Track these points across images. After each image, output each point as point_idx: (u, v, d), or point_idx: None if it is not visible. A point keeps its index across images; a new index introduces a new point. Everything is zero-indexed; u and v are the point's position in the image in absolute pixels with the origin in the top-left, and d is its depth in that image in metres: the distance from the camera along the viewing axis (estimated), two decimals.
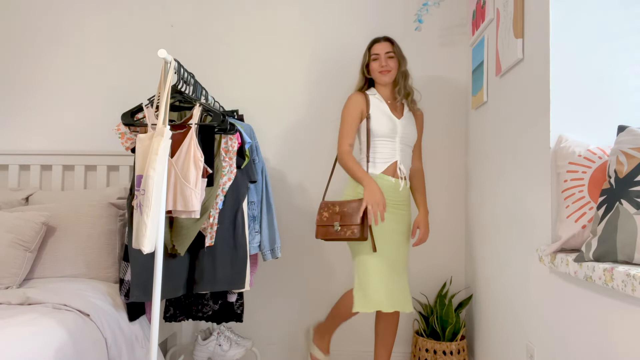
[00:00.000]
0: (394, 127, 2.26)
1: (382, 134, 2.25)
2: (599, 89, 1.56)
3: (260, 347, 2.70)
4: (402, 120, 2.30)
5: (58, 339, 1.51)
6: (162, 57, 1.66)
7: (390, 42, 2.33)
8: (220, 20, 2.82)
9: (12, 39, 2.86)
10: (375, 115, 2.26)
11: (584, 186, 1.45)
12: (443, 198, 2.73)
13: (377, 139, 2.25)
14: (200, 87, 2.12)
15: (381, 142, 2.26)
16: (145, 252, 1.53)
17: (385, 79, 2.30)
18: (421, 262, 2.72)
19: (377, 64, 2.29)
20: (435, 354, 2.40)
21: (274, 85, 2.79)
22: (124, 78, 2.80)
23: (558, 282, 1.52)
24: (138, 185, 1.58)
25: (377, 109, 2.28)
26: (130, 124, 1.88)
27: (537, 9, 1.68)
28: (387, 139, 2.25)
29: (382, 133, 2.24)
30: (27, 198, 2.49)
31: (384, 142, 2.26)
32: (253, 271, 2.26)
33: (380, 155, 2.25)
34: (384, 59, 2.28)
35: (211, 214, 1.91)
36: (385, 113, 2.28)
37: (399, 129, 2.27)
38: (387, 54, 2.29)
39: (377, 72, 2.29)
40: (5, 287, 1.92)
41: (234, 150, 1.93)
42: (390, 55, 2.29)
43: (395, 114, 2.30)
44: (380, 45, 2.31)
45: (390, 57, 2.29)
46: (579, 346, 1.39)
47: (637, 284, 1.07)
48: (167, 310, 2.22)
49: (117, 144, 2.11)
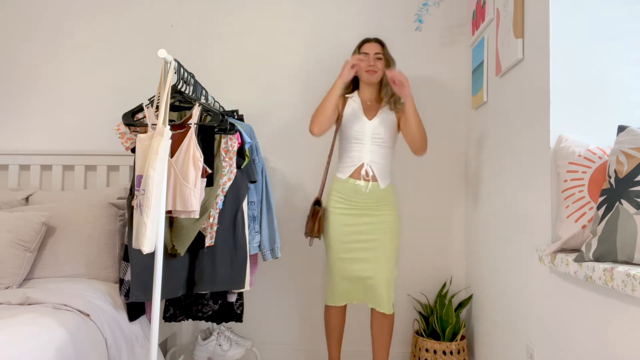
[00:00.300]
0: (362, 129, 2.28)
1: (351, 137, 2.29)
2: (599, 89, 1.56)
3: (260, 347, 2.70)
4: (373, 121, 2.30)
5: (58, 339, 1.51)
6: (162, 57, 1.66)
7: (381, 44, 2.35)
8: (220, 20, 2.82)
9: (12, 39, 2.86)
10: (347, 117, 2.30)
11: (584, 186, 1.44)
12: (443, 198, 2.73)
13: (346, 142, 2.32)
14: (200, 87, 2.12)
15: (350, 145, 2.30)
16: (145, 252, 1.53)
17: (372, 78, 2.31)
18: (421, 262, 2.72)
19: (365, 63, 2.30)
20: (435, 354, 2.40)
21: (274, 85, 2.79)
22: (124, 78, 2.80)
23: (558, 282, 1.52)
24: (138, 185, 1.58)
25: (350, 110, 2.31)
26: (130, 124, 1.88)
27: (537, 9, 1.68)
28: (356, 142, 2.29)
29: (351, 135, 2.29)
30: (27, 198, 2.49)
31: (353, 145, 2.30)
32: (253, 271, 2.26)
33: (349, 158, 2.29)
34: (372, 59, 2.30)
35: (211, 214, 1.91)
36: (357, 115, 2.30)
37: (367, 131, 2.28)
38: (376, 54, 2.31)
39: (363, 71, 2.31)
40: (5, 287, 1.92)
41: (234, 150, 1.93)
42: (379, 56, 2.31)
43: (367, 115, 2.31)
44: (370, 45, 2.33)
45: (379, 58, 2.31)
46: (579, 346, 1.38)
47: (637, 284, 1.07)
48: (167, 310, 2.22)
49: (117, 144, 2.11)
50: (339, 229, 2.26)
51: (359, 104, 2.33)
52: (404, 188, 2.74)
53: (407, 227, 2.74)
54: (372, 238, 2.24)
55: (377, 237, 2.24)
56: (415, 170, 2.74)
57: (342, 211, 2.27)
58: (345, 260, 2.25)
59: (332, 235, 2.27)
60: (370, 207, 2.26)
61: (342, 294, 2.28)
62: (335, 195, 2.29)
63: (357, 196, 2.26)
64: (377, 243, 2.24)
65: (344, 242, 2.25)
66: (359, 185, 2.25)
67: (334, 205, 2.28)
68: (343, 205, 2.27)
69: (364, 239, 2.24)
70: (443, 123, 2.73)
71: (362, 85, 2.36)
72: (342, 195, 2.27)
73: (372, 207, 2.26)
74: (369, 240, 2.24)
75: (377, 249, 2.23)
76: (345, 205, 2.27)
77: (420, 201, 2.74)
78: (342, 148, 2.34)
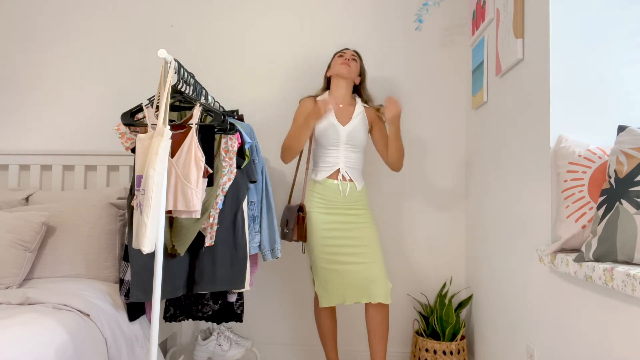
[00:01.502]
0: (337, 136, 2.31)
1: (326, 143, 2.32)
2: (599, 89, 1.56)
3: (260, 347, 2.70)
4: (347, 126, 2.33)
5: (58, 339, 1.51)
6: (162, 57, 1.66)
7: (358, 55, 2.44)
8: (220, 20, 2.82)
9: (12, 39, 2.86)
10: (321, 124, 2.32)
11: (584, 186, 1.45)
12: (443, 198, 2.73)
13: (321, 148, 2.34)
14: (200, 87, 2.12)
15: (325, 150, 2.33)
16: (145, 252, 1.53)
17: (344, 70, 2.34)
18: (421, 262, 2.72)
19: (340, 59, 2.37)
20: (435, 354, 2.40)
21: (274, 85, 2.79)
22: (124, 78, 2.80)
23: (558, 282, 1.52)
24: (138, 185, 1.58)
25: (324, 118, 2.31)
26: (130, 124, 1.88)
27: (537, 9, 1.68)
28: (331, 147, 2.32)
29: (325, 142, 2.32)
30: (27, 198, 2.49)
31: (328, 151, 2.33)
32: (253, 271, 2.26)
33: (324, 163, 2.33)
34: (348, 56, 2.37)
35: (211, 214, 1.91)
36: (330, 122, 2.32)
37: (342, 137, 2.32)
38: (352, 55, 2.39)
39: (337, 64, 2.36)
40: (5, 287, 1.92)
41: (234, 150, 1.93)
42: (354, 58, 2.39)
43: (341, 121, 2.34)
44: (347, 50, 2.43)
45: (354, 59, 2.38)
46: (579, 346, 1.39)
47: (637, 284, 1.07)
48: (167, 310, 2.22)
49: (117, 144, 2.11)
50: (321, 229, 2.28)
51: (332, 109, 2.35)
52: (403, 188, 2.75)
53: (407, 227, 2.74)
54: (356, 235, 2.28)
55: (360, 233, 2.29)
56: (415, 170, 2.74)
57: (322, 210, 2.30)
58: (332, 260, 2.25)
59: (316, 236, 2.28)
60: (349, 206, 2.32)
61: (335, 295, 2.26)
62: (315, 196, 2.32)
63: (336, 196, 2.30)
64: (361, 240, 2.27)
65: (329, 244, 2.27)
66: (337, 185, 2.30)
67: (315, 206, 2.30)
68: (323, 205, 2.30)
69: (347, 235, 2.27)
70: (443, 123, 2.73)
71: (335, 85, 2.40)
72: (323, 195, 2.31)
73: (350, 206, 2.32)
74: (353, 237, 2.27)
75: (363, 244, 2.27)
76: (325, 205, 2.30)
77: (420, 201, 2.74)
78: (317, 153, 2.37)
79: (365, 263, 2.23)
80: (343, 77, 2.37)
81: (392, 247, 2.70)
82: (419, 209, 2.74)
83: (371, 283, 2.21)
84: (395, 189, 2.75)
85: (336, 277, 2.24)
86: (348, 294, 2.24)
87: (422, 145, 2.75)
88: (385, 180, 2.73)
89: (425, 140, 2.75)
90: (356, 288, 2.23)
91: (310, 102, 2.38)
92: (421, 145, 2.75)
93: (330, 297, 2.27)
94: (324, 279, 2.27)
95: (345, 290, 2.24)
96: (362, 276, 2.21)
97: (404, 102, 2.69)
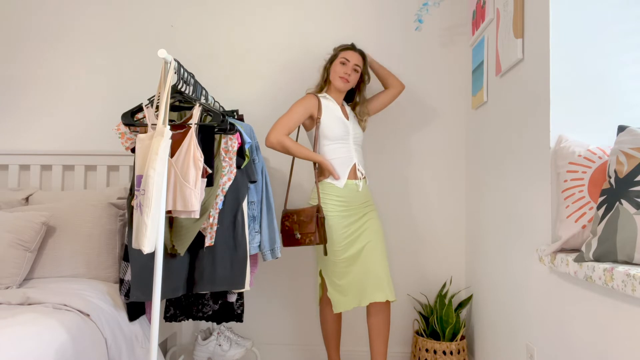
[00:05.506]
0: (346, 129, 2.31)
1: (336, 137, 2.29)
2: (599, 89, 1.56)
3: (260, 347, 2.70)
4: (350, 121, 2.36)
5: (58, 339, 1.51)
6: (162, 57, 1.66)
7: (363, 57, 2.38)
8: (220, 20, 2.82)
9: (12, 39, 2.86)
10: (328, 119, 2.29)
11: (584, 186, 1.44)
12: (443, 198, 2.73)
13: (331, 143, 2.29)
14: (200, 87, 2.12)
15: (335, 145, 2.29)
16: (145, 252, 1.53)
17: (342, 86, 2.33)
18: (421, 262, 2.72)
19: (342, 68, 2.31)
20: (435, 354, 2.40)
21: (274, 85, 2.79)
22: (124, 78, 2.80)
23: (558, 282, 1.52)
24: (138, 185, 1.58)
25: (329, 112, 2.31)
26: (130, 124, 1.88)
27: (537, 9, 1.68)
28: (341, 142, 2.30)
29: (335, 136, 2.29)
30: (27, 198, 2.49)
31: (338, 145, 2.29)
32: (253, 271, 2.26)
33: (338, 160, 2.28)
34: (350, 68, 2.31)
35: (211, 214, 1.91)
36: (337, 116, 2.32)
37: (350, 131, 2.32)
38: (355, 65, 2.33)
39: (337, 76, 2.32)
40: (5, 287, 1.92)
41: (233, 150, 1.93)
42: (356, 69, 2.34)
43: (344, 115, 2.37)
44: (352, 54, 2.34)
45: (356, 70, 2.34)
46: (579, 346, 1.39)
47: (637, 284, 1.07)
48: (167, 310, 2.22)
49: (117, 144, 2.11)
50: (340, 232, 2.24)
51: (334, 102, 2.35)
52: (403, 188, 2.75)
53: (407, 227, 2.74)
54: (368, 227, 2.27)
55: (370, 225, 2.28)
56: (415, 169, 2.74)
57: (341, 213, 2.26)
58: (349, 262, 2.23)
59: (337, 241, 2.23)
60: (363, 203, 2.31)
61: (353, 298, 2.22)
62: (334, 200, 2.26)
63: (355, 197, 2.28)
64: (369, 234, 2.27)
65: (347, 247, 2.24)
66: (357, 184, 2.29)
67: (331, 209, 2.25)
68: (343, 208, 2.27)
69: (361, 233, 2.26)
70: (443, 123, 2.73)
71: (331, 88, 2.39)
72: (343, 199, 2.27)
73: (365, 203, 2.32)
74: (366, 233, 2.26)
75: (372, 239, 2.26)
76: (345, 208, 2.27)
77: (420, 201, 2.74)
78: (324, 150, 2.29)
79: (376, 259, 2.23)
80: (339, 91, 2.37)
81: (392, 247, 2.70)
82: (418, 209, 2.74)
83: (381, 280, 2.21)
84: (395, 189, 2.75)
85: (352, 278, 2.22)
86: (364, 295, 2.20)
87: (422, 146, 2.75)
88: (385, 181, 2.73)
89: (425, 140, 2.75)
90: (371, 287, 2.20)
91: (314, 100, 2.32)
92: (421, 146, 2.75)
93: (346, 301, 2.23)
94: (341, 282, 2.24)
95: (362, 291, 2.20)
96: (375, 274, 2.21)
97: (404, 103, 2.69)
